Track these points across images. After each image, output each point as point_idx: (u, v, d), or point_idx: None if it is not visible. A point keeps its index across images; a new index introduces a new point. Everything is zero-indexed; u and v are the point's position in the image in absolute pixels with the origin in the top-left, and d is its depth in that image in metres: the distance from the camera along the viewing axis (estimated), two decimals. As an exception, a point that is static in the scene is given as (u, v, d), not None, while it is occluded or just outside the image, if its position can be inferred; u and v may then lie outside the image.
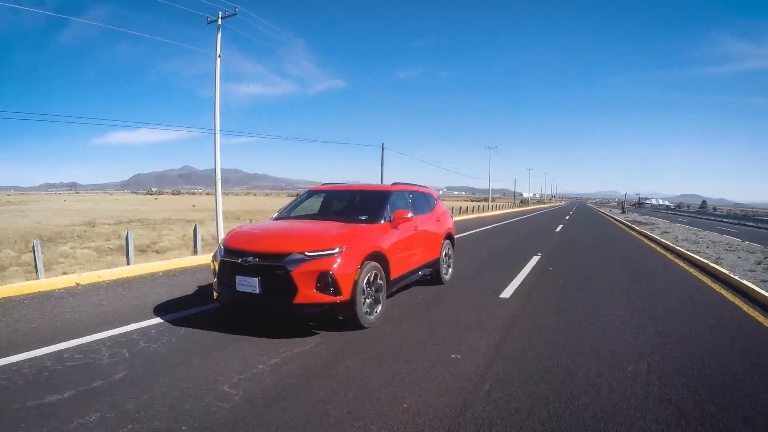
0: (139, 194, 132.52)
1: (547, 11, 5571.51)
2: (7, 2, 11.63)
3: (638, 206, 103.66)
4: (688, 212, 68.68)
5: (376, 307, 4.60)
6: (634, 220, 30.43)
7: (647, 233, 17.48)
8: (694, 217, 49.56)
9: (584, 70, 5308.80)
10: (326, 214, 5.73)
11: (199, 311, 5.08)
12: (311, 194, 6.35)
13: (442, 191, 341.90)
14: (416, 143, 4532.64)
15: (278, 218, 5.68)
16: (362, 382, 3.25)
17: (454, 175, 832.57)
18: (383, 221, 5.09)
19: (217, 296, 4.52)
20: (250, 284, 4.09)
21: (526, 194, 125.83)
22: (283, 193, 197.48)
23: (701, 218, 46.02)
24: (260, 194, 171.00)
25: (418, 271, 5.83)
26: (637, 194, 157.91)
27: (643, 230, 19.11)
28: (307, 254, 4.06)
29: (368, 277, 4.43)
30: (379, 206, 5.26)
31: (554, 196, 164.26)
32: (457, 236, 7.97)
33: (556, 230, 18.76)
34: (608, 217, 36.12)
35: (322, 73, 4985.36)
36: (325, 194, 6.21)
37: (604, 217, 36.32)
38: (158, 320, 4.70)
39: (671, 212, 67.68)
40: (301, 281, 3.98)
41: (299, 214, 5.85)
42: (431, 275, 6.38)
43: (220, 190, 15.44)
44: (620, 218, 32.42)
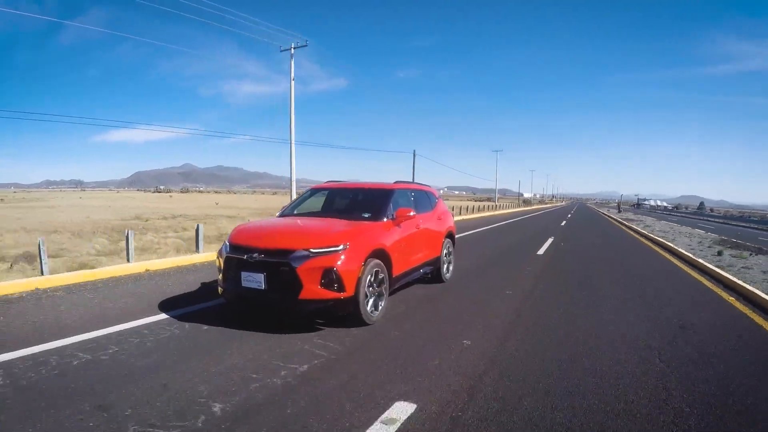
0: (147, 192, 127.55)
1: (545, 11, 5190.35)
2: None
3: (637, 207, 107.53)
4: (683, 213, 70.46)
5: (379, 303, 4.64)
6: (626, 218, 35.24)
7: (632, 226, 22.38)
8: (685, 216, 53.74)
9: (585, 69, 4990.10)
10: (330, 211, 5.79)
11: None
12: (315, 192, 6.41)
13: (443, 191, 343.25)
14: (416, 142, 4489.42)
15: (282, 215, 5.81)
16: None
17: (454, 175, 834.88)
18: (386, 219, 5.16)
19: (222, 292, 4.60)
20: (255, 280, 4.16)
21: (527, 194, 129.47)
22: (288, 191, 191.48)
23: (691, 218, 50.36)
24: (268, 192, 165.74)
25: (419, 269, 5.93)
26: (636, 195, 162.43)
27: (630, 225, 23.93)
28: (312, 251, 4.13)
29: (371, 274, 4.49)
30: (382, 204, 5.35)
31: (554, 196, 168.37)
32: (477, 230, 11.53)
33: (561, 224, 23.31)
34: (605, 215, 40.92)
35: (324, 73, 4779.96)
36: (328, 192, 6.27)
37: (601, 215, 41.06)
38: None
39: (666, 212, 70.96)
40: (305, 277, 4.04)
41: (303, 211, 5.97)
42: (432, 273, 6.49)
43: (294, 190, 19.93)
44: (615, 216, 37.31)
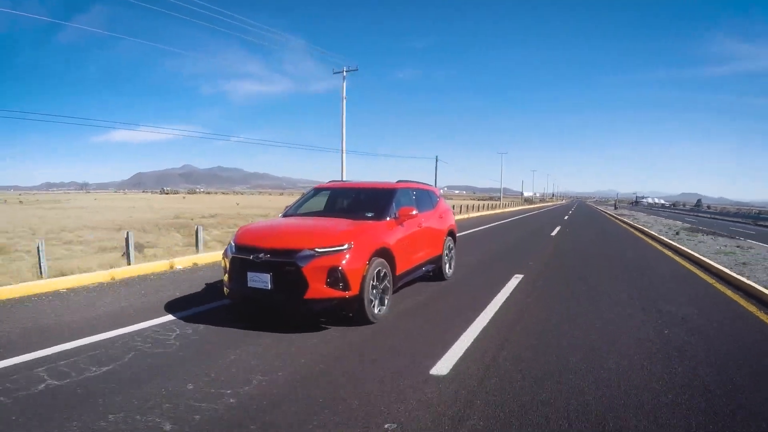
0: (153, 193, 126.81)
1: (542, 11, 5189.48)
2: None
3: (635, 204, 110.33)
4: (679, 210, 72.62)
5: (383, 302, 4.70)
6: (620, 213, 40.04)
7: (623, 219, 27.33)
8: (678, 213, 56.99)
9: (584, 69, 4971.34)
10: (333, 211, 5.80)
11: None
12: (318, 192, 6.41)
13: (443, 189, 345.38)
14: (417, 142, 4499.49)
15: (286, 215, 5.82)
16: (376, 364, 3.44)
17: (454, 174, 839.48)
18: (389, 218, 5.18)
19: (228, 292, 4.61)
20: (261, 280, 4.18)
21: (527, 193, 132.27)
22: (294, 191, 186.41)
23: (682, 213, 54.02)
24: (275, 193, 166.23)
25: (422, 267, 5.95)
26: (634, 193, 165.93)
27: (621, 218, 28.90)
28: (317, 250, 4.17)
29: (376, 272, 4.52)
30: (385, 203, 5.37)
31: (554, 195, 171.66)
32: (492, 224, 15.51)
33: (564, 218, 28.01)
34: (602, 212, 46.06)
35: (323, 71, 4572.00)
36: (331, 191, 6.30)
37: (599, 211, 46.25)
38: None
39: (660, 209, 74.14)
40: (311, 277, 4.09)
41: (306, 211, 5.96)
42: (434, 271, 6.51)
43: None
44: (611, 212, 42.37)
